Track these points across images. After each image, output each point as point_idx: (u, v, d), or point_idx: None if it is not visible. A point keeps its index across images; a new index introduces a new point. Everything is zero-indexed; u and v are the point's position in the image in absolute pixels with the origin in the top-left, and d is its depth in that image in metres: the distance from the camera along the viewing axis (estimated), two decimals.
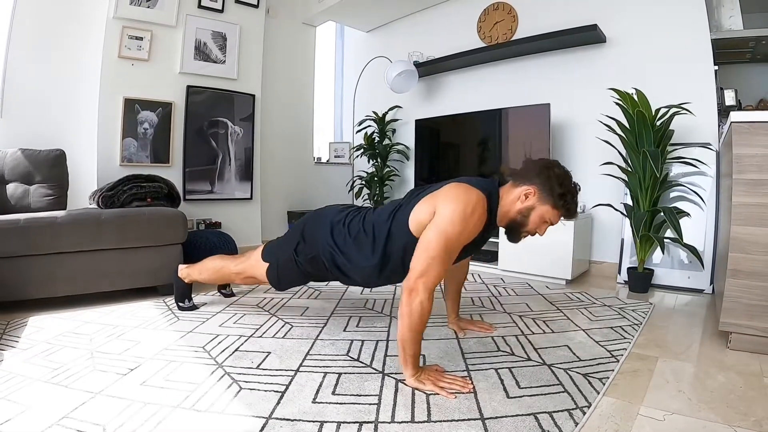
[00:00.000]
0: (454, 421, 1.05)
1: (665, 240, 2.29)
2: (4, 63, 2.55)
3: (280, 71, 3.85)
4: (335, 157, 4.36)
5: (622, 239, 2.62)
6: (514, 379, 1.28)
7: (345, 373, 1.31)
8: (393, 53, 3.88)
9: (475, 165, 3.23)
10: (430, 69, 3.59)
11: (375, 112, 3.89)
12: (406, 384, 1.23)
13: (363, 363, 1.39)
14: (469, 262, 1.82)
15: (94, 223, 1.98)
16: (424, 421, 1.05)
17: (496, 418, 1.06)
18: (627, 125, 2.37)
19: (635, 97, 2.29)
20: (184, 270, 1.95)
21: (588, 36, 2.73)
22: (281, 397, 1.15)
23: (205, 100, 3.20)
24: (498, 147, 3.09)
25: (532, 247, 2.39)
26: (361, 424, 1.03)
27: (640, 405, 1.14)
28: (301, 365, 1.37)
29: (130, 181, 2.30)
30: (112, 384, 1.21)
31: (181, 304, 1.94)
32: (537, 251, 2.53)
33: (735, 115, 1.50)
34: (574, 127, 2.92)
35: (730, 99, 2.38)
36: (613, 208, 2.52)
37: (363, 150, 3.88)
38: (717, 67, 2.40)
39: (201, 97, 3.19)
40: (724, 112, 2.39)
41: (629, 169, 2.42)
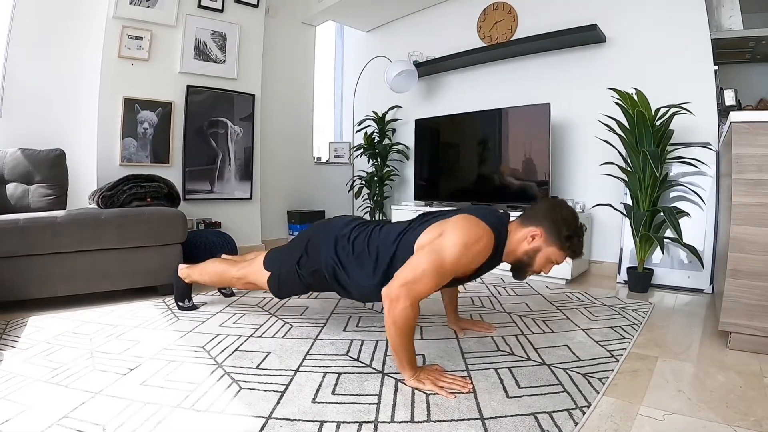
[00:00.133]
0: (454, 420, 1.05)
1: (665, 240, 2.29)
2: (4, 60, 2.54)
3: (280, 71, 3.85)
4: (335, 156, 4.36)
5: (622, 239, 2.62)
6: (513, 378, 1.28)
7: (345, 372, 1.32)
8: (393, 53, 3.88)
9: (474, 165, 3.23)
10: (429, 69, 3.59)
11: (375, 112, 3.89)
12: (405, 384, 1.23)
13: (363, 363, 1.39)
14: None
15: (93, 223, 1.98)
16: (424, 421, 1.05)
17: (496, 417, 1.06)
18: (627, 125, 2.37)
19: (635, 96, 2.29)
20: (184, 270, 1.94)
21: (588, 36, 2.73)
22: (281, 397, 1.15)
23: (204, 99, 3.20)
24: (498, 147, 3.09)
25: None
26: (360, 423, 1.04)
27: (640, 405, 1.14)
28: (300, 365, 1.37)
29: (130, 181, 2.30)
30: (112, 384, 1.21)
31: (180, 304, 1.94)
32: None
33: (735, 115, 1.50)
34: (574, 127, 2.92)
35: (729, 99, 2.38)
36: (612, 207, 2.52)
37: (363, 150, 3.88)
38: (717, 67, 2.40)
39: (201, 97, 3.18)
40: (723, 112, 2.39)
41: (629, 168, 2.42)
